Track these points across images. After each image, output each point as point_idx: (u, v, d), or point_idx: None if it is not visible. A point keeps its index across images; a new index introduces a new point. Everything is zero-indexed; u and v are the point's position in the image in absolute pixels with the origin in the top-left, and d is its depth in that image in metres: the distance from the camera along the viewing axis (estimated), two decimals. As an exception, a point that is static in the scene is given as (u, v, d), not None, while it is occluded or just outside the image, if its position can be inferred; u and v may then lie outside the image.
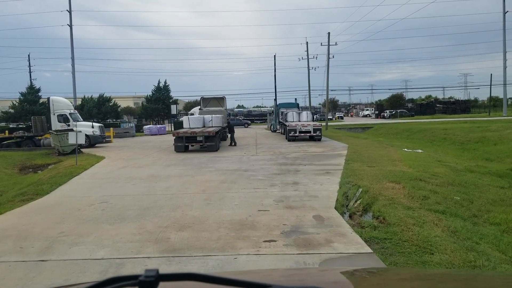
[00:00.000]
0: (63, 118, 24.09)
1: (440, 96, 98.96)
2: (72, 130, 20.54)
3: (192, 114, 29.62)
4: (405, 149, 17.94)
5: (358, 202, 7.88)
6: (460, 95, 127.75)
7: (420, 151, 17.56)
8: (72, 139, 14.43)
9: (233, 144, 21.70)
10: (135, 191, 9.35)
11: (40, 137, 24.45)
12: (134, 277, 0.80)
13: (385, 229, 5.97)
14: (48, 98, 25.27)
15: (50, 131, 22.04)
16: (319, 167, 12.69)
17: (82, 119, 25.94)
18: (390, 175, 10.40)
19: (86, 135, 22.93)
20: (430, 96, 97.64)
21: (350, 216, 7.14)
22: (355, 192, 8.60)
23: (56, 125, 23.74)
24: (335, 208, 7.34)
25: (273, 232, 5.91)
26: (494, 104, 69.26)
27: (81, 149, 20.55)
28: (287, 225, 6.23)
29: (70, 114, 24.45)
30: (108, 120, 44.07)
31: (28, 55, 57.86)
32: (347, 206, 7.80)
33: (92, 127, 24.37)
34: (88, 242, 5.65)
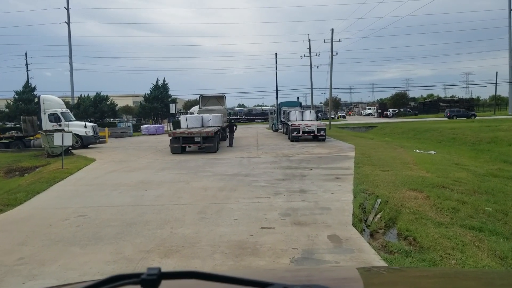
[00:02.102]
0: (55, 118, 22.90)
1: (441, 94, 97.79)
2: (63, 130, 19.41)
3: (191, 113, 28.46)
4: (417, 150, 16.77)
5: (379, 216, 6.72)
6: (462, 94, 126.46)
7: (433, 152, 16.39)
8: (58, 140, 13.23)
9: (228, 145, 20.51)
10: (120, 201, 8.19)
11: (31, 138, 23.22)
12: (136, 275, 0.79)
13: (420, 256, 4.81)
14: (39, 97, 24.06)
15: (40, 131, 20.86)
16: (327, 171, 11.53)
17: (74, 119, 24.79)
18: (409, 181, 9.25)
19: (78, 135, 21.93)
20: (432, 95, 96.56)
21: (372, 235, 5.99)
22: (373, 203, 7.43)
23: (47, 125, 22.58)
24: (352, 224, 6.17)
25: (280, 259, 4.75)
26: (497, 102, 68.34)
27: (72, 151, 19.43)
28: (297, 250, 5.07)
29: (61, 113, 23.25)
30: (106, 120, 42.93)
31: (25, 53, 56.29)
32: (365, 221, 6.63)
33: (85, 127, 23.18)
34: (48, 273, 4.51)
